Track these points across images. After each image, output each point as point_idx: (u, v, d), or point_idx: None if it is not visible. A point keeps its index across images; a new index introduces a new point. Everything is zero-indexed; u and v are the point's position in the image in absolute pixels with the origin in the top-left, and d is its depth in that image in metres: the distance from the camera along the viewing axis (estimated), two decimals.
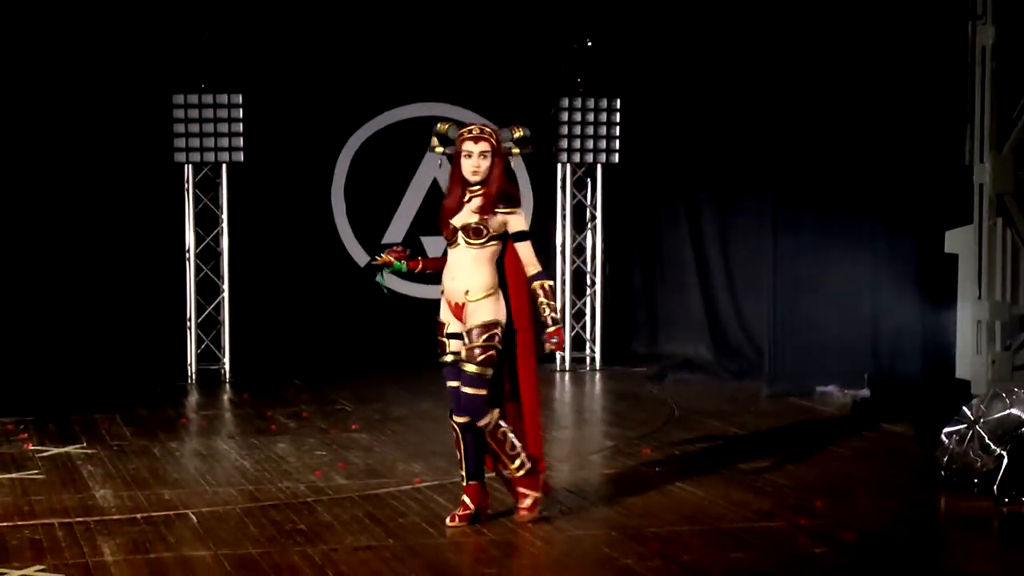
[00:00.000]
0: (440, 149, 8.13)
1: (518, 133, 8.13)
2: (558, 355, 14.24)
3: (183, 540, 7.53)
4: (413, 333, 14.24)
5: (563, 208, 14.32)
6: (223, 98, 13.15)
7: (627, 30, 14.28)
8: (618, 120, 14.13)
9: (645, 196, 14.62)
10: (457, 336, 7.93)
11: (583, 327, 14.45)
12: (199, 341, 13.49)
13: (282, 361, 13.73)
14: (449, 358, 7.97)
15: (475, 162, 7.80)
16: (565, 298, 14.31)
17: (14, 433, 10.56)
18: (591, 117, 14.09)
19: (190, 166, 13.28)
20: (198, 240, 13.43)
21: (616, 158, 14.20)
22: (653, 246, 14.71)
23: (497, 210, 7.81)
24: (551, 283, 7.95)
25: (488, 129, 7.87)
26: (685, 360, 13.89)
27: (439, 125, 8.10)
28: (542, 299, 7.81)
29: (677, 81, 14.15)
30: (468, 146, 7.82)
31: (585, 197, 14.41)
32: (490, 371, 7.79)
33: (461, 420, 7.88)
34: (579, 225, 14.43)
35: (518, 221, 7.91)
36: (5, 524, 7.83)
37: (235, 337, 13.52)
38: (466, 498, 7.90)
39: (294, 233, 13.94)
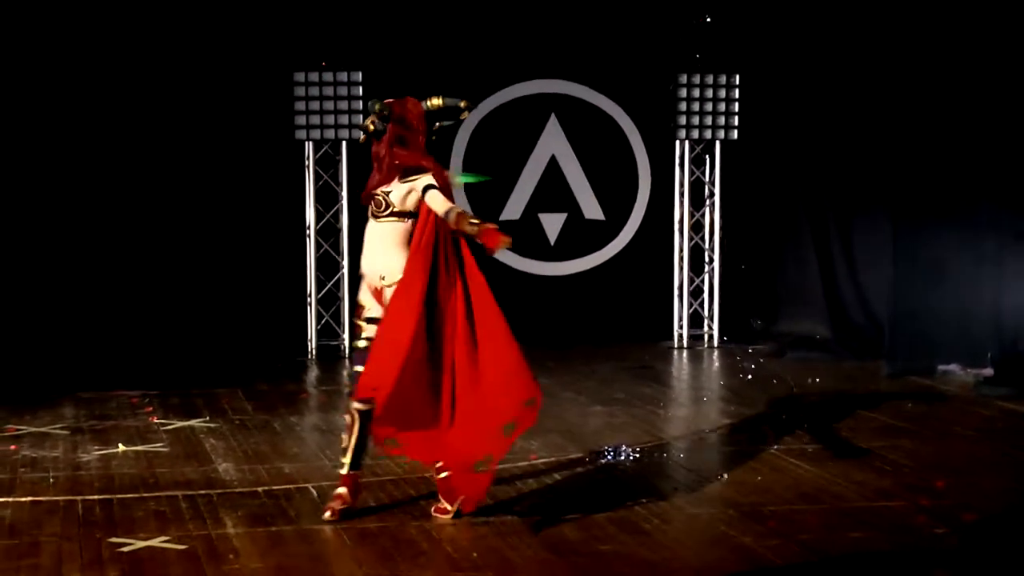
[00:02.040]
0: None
1: (433, 102, 7.83)
2: (675, 332, 14.21)
3: (303, 513, 7.62)
4: (522, 310, 14.30)
5: (681, 185, 14.24)
6: (343, 76, 13.25)
7: (746, 4, 14.14)
8: (737, 96, 14.02)
9: (764, 173, 14.49)
10: (375, 321, 7.54)
11: (701, 304, 14.38)
12: (319, 317, 13.62)
13: None
14: (363, 343, 7.53)
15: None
16: (683, 275, 14.25)
17: (139, 407, 10.76)
18: (710, 93, 14.00)
19: (311, 143, 13.41)
20: (318, 217, 13.56)
21: (735, 134, 14.09)
22: (772, 223, 14.58)
23: (402, 181, 7.80)
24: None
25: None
26: (804, 338, 13.76)
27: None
28: (463, 217, 7.64)
29: (797, 56, 14.00)
30: None
31: (704, 174, 14.32)
32: None
33: (362, 407, 7.44)
34: (697, 202, 14.35)
35: (421, 183, 7.78)
36: (131, 495, 7.98)
37: (353, 312, 13.60)
38: (343, 489, 7.55)
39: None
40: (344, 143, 13.46)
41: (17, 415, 10.37)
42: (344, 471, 7.56)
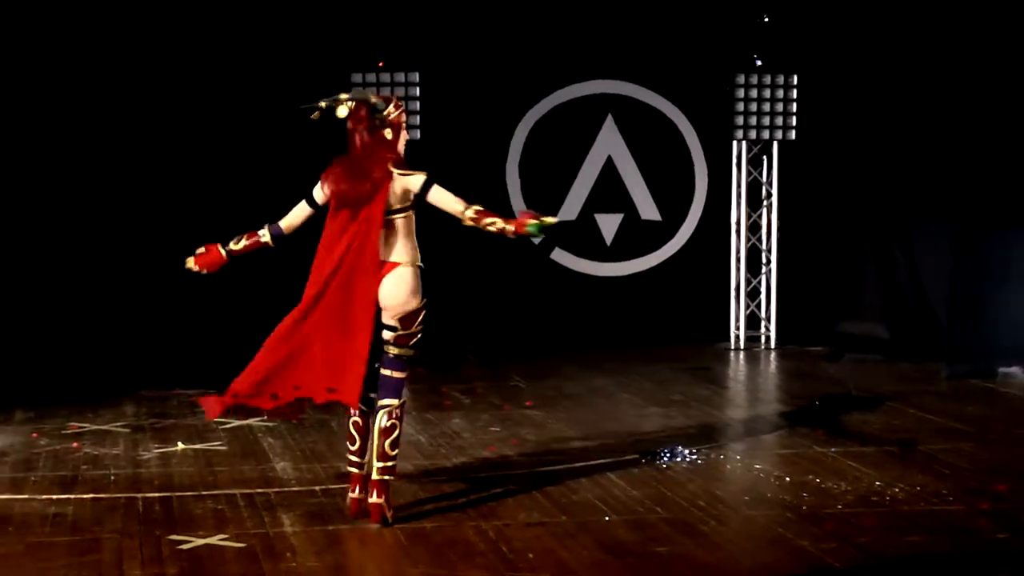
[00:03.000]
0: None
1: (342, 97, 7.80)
2: (732, 334, 14.17)
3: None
4: (578, 310, 14.32)
5: (738, 186, 14.19)
6: (400, 76, 13.29)
7: (805, 3, 14.07)
8: (795, 96, 13.95)
9: (822, 173, 14.41)
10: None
11: (758, 305, 14.32)
12: None
13: (457, 336, 13.84)
14: None
15: None
16: (740, 276, 14.20)
17: (198, 405, 10.82)
18: (768, 93, 13.94)
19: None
20: None
21: (793, 135, 14.02)
22: (830, 224, 14.50)
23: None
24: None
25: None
26: (862, 339, 13.68)
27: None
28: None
29: (855, 55, 13.91)
30: None
31: (761, 174, 14.26)
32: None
33: (365, 407, 7.64)
34: (754, 203, 14.29)
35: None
36: (190, 493, 8.04)
37: None
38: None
39: None
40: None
41: (79, 413, 10.47)
42: (355, 471, 7.61)
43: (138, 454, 9.13)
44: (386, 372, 7.53)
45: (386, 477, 7.41)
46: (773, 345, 14.12)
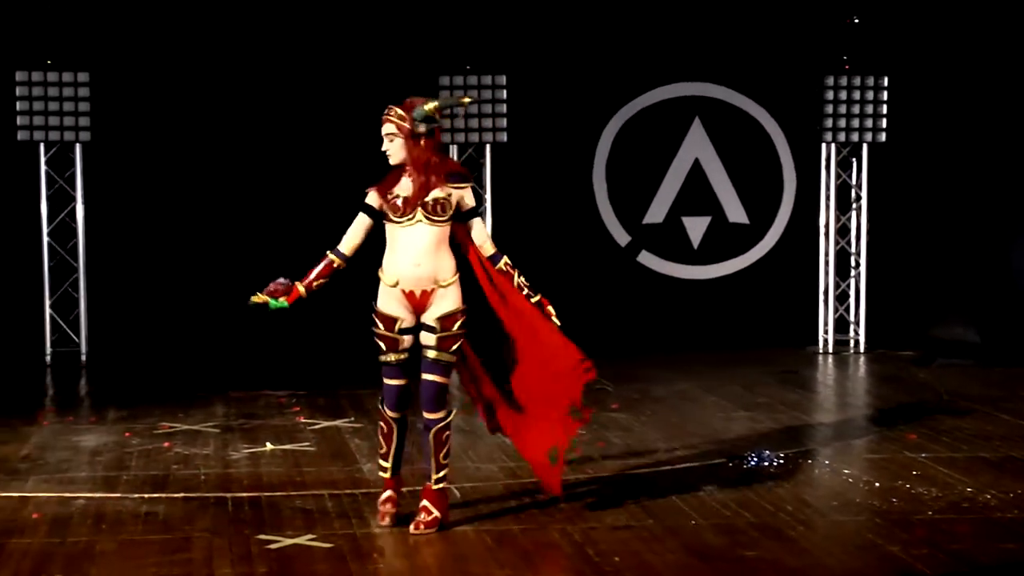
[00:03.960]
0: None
1: (428, 106, 7.31)
2: (821, 337, 14.06)
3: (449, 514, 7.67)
4: (674, 313, 14.28)
5: (827, 188, 14.08)
6: (487, 79, 13.33)
7: (895, 5, 13.95)
8: (886, 98, 13.82)
9: (913, 176, 14.27)
10: (412, 331, 7.34)
11: (847, 309, 14.21)
12: None
13: None
14: (394, 358, 7.34)
15: (385, 145, 7.33)
16: (829, 279, 14.09)
17: (287, 406, 10.92)
18: (857, 95, 13.82)
19: (455, 146, 13.50)
20: None
21: (883, 137, 13.90)
22: (921, 228, 14.35)
23: (452, 185, 7.26)
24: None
25: (396, 110, 7.26)
26: (953, 344, 13.52)
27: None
28: (518, 279, 7.59)
29: (946, 57, 13.77)
30: (383, 129, 7.35)
31: (850, 177, 14.14)
32: (456, 359, 7.43)
33: (396, 415, 7.50)
34: (843, 205, 14.18)
35: (471, 196, 7.40)
36: (278, 494, 8.11)
37: None
38: (392, 493, 7.55)
39: (556, 213, 14.05)
40: (488, 146, 13.53)
41: (171, 413, 10.59)
42: (388, 475, 7.56)
43: (228, 454, 9.22)
44: (429, 378, 7.37)
45: (443, 486, 7.43)
46: (862, 349, 14.01)
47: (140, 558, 6.86)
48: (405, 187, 7.25)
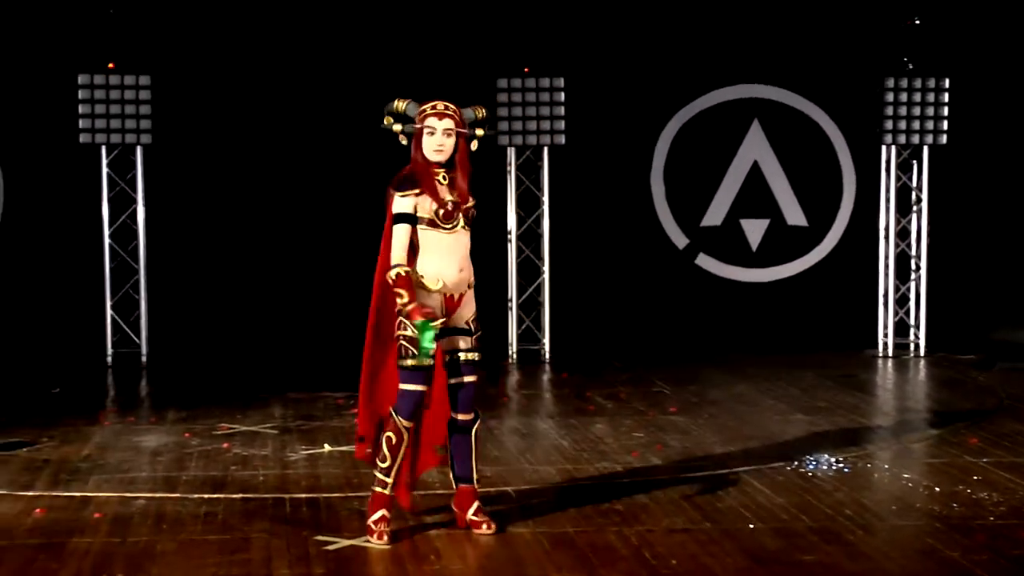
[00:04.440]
0: (398, 127, 7.24)
1: (480, 113, 7.31)
2: (880, 341, 13.98)
3: (502, 517, 7.68)
4: (732, 316, 14.24)
5: (887, 191, 13.99)
6: (545, 82, 13.33)
7: (956, 5, 13.84)
8: (947, 100, 13.71)
9: (975, 178, 14.16)
10: (445, 334, 7.21)
11: (907, 312, 14.11)
12: (520, 321, 13.73)
13: (601, 342, 13.86)
14: (432, 360, 7.15)
15: (439, 140, 7.12)
16: (889, 283, 14.00)
17: (345, 407, 10.96)
18: (918, 97, 13.72)
19: (512, 149, 13.51)
20: (519, 222, 13.66)
21: (944, 139, 13.79)
22: (983, 230, 14.24)
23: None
24: None
25: (452, 106, 7.18)
26: (1016, 347, 13.40)
27: (396, 102, 7.25)
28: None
29: (1009, 58, 13.65)
30: (432, 122, 7.12)
31: (911, 179, 14.05)
32: None
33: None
34: (904, 208, 14.08)
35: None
36: (336, 495, 8.14)
37: (555, 318, 13.72)
38: (385, 512, 7.22)
39: (613, 215, 14.05)
40: (546, 149, 13.54)
41: (229, 414, 10.66)
42: (387, 491, 7.24)
43: (286, 455, 9.27)
44: (470, 379, 7.32)
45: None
46: (922, 353, 13.90)
47: (199, 558, 6.91)
48: (448, 192, 7.15)
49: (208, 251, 13.62)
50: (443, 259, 7.16)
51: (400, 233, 7.13)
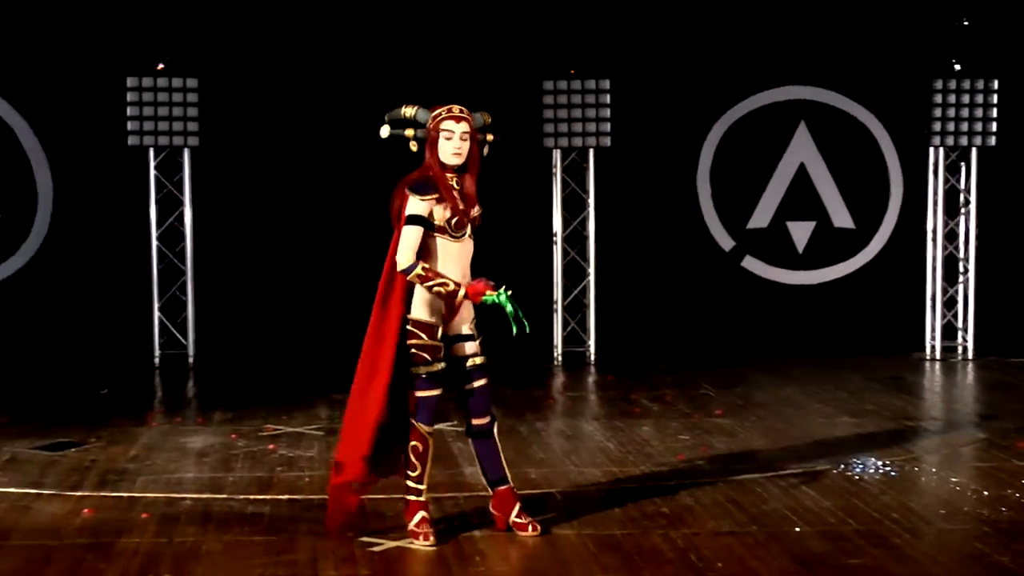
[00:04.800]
0: (410, 132, 7.20)
1: (487, 119, 7.28)
2: (928, 344, 13.91)
3: (549, 518, 7.68)
4: (778, 318, 14.18)
5: (935, 193, 13.91)
6: (591, 84, 13.32)
7: (1005, 7, 13.75)
8: (996, 102, 13.61)
9: (1022, 180, 14.05)
10: (449, 342, 7.32)
11: (954, 315, 14.02)
12: (565, 323, 13.72)
13: (646, 344, 13.84)
14: (444, 364, 7.25)
15: (456, 144, 7.08)
16: (936, 285, 13.91)
17: None
18: (967, 99, 13.62)
19: (558, 151, 13.52)
20: (565, 224, 13.66)
21: (993, 141, 13.69)
22: None
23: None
24: None
25: (466, 110, 7.15)
26: None
27: (403, 108, 7.25)
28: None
29: None
30: (450, 125, 7.08)
31: (959, 181, 13.95)
32: None
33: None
34: (952, 210, 13.99)
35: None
36: (380, 496, 8.14)
37: (600, 320, 13.71)
38: (425, 514, 7.23)
39: (659, 217, 14.02)
40: (592, 151, 13.53)
41: (275, 416, 10.71)
42: (423, 498, 7.28)
43: (331, 457, 9.27)
44: (480, 383, 7.37)
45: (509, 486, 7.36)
46: (970, 356, 13.81)
47: (246, 558, 6.94)
48: (458, 199, 7.15)
49: (254, 253, 13.68)
50: (449, 266, 7.17)
51: (412, 234, 7.12)
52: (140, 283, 13.40)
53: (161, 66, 13.13)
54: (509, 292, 7.21)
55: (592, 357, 13.64)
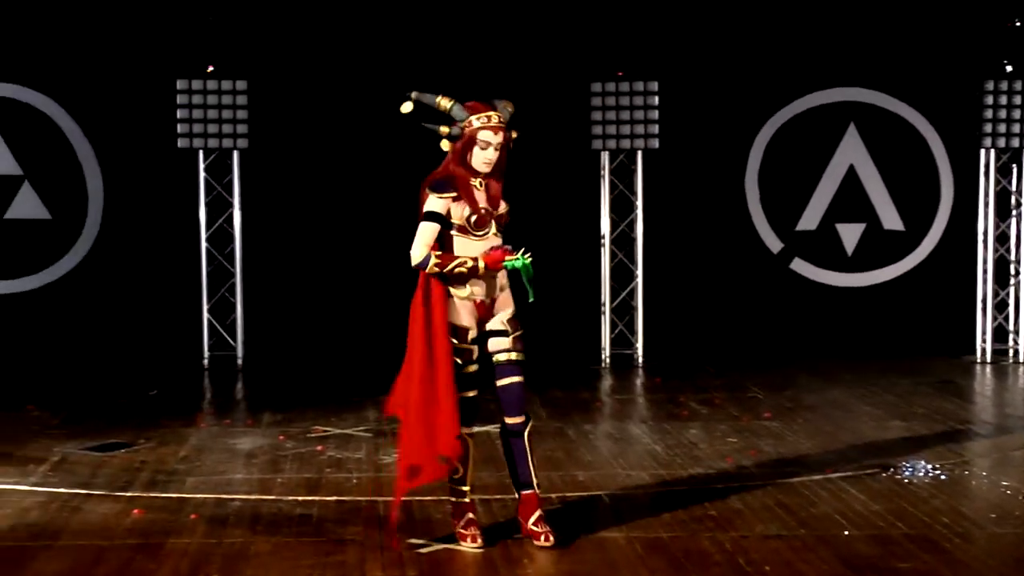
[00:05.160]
0: (445, 129, 7.21)
1: (511, 108, 7.28)
2: (979, 347, 13.80)
3: (596, 521, 7.67)
4: (827, 321, 14.11)
5: (986, 195, 13.80)
6: (639, 86, 13.31)
7: None
8: None
9: None
10: (482, 338, 7.16)
11: (1005, 318, 13.91)
12: (613, 326, 13.70)
13: (694, 347, 13.80)
14: (477, 367, 7.12)
15: (490, 155, 7.12)
16: (987, 288, 13.81)
17: None
18: (1018, 100, 13.52)
19: (607, 153, 13.50)
20: (613, 226, 13.64)
21: None
22: None
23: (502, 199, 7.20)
24: None
25: (502, 116, 7.15)
26: None
27: (440, 99, 7.22)
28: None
29: None
30: (487, 136, 7.09)
31: (1010, 183, 13.85)
32: None
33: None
34: (1003, 212, 13.88)
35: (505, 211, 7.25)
36: (429, 498, 8.16)
37: (648, 322, 13.68)
38: (472, 515, 7.22)
39: (708, 219, 13.98)
40: (639, 153, 13.50)
41: (324, 417, 10.74)
42: (467, 500, 7.25)
43: (379, 458, 9.32)
44: (513, 380, 7.18)
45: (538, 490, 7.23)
46: (1022, 359, 13.70)
47: (294, 560, 6.97)
48: (481, 199, 7.14)
49: (303, 254, 13.73)
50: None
51: (426, 230, 7.15)
52: (189, 285, 13.48)
53: (211, 69, 13.20)
54: (529, 258, 7.06)
55: (640, 359, 13.61)
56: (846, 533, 7.41)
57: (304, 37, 13.62)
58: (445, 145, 7.25)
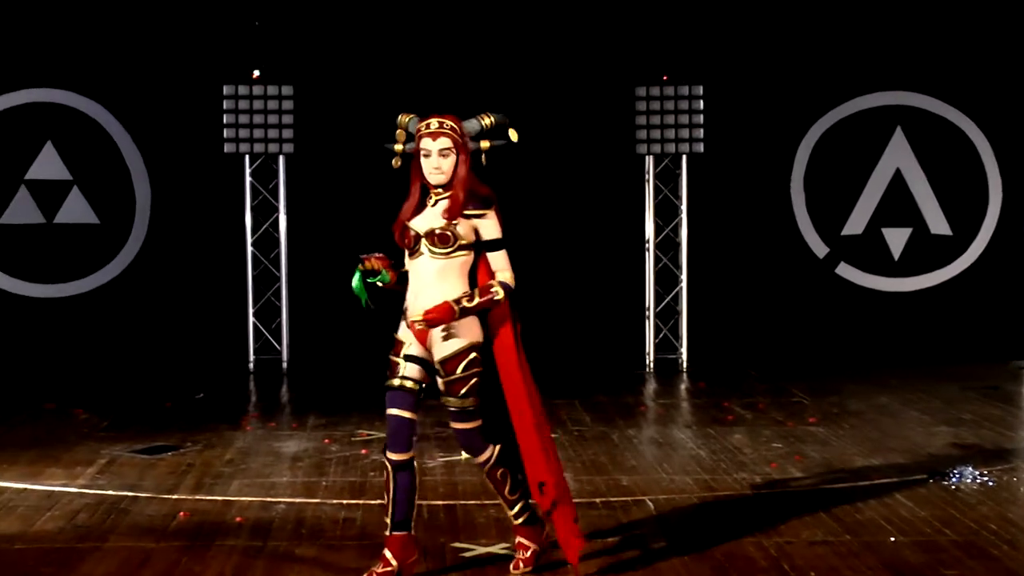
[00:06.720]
0: (399, 147, 6.85)
1: (486, 121, 6.81)
2: None
3: (640, 526, 7.66)
4: (873, 326, 14.04)
5: None
6: (684, 90, 13.29)
7: None
8: None
9: None
10: (417, 361, 6.62)
11: None
12: (657, 330, 13.68)
13: (739, 351, 13.76)
14: (397, 382, 6.58)
15: (434, 162, 6.64)
16: None
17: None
18: None
19: (651, 158, 13.49)
20: (657, 230, 13.62)
21: None
22: None
23: (467, 212, 6.62)
24: (502, 293, 6.63)
25: (449, 122, 6.64)
26: None
27: (400, 117, 6.84)
28: (478, 293, 6.58)
29: None
30: (425, 143, 6.63)
31: None
32: (475, 401, 6.62)
33: (397, 457, 6.57)
34: None
35: (491, 227, 6.71)
36: (472, 502, 8.18)
37: (693, 327, 13.65)
38: (387, 552, 6.59)
39: (753, 224, 13.94)
40: (684, 157, 13.48)
41: (368, 420, 10.77)
42: (387, 532, 6.67)
43: (423, 462, 9.32)
44: (454, 426, 6.72)
45: (526, 516, 6.83)
46: None
47: (338, 563, 6.99)
48: (436, 217, 6.69)
49: (348, 258, 13.74)
50: (409, 286, 6.84)
51: None
52: (235, 289, 13.55)
53: (257, 74, 13.28)
54: (376, 269, 6.95)
55: (684, 364, 13.59)
56: (892, 540, 7.37)
57: (350, 42, 13.67)
58: (396, 163, 6.89)
